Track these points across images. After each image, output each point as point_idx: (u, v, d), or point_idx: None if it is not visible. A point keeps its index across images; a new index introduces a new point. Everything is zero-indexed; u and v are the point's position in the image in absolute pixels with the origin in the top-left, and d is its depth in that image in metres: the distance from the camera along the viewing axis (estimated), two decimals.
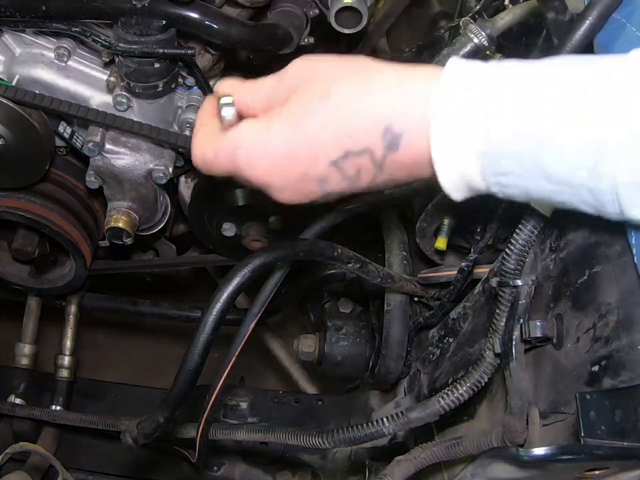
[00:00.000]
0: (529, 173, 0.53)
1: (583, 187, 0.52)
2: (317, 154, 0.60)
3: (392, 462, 0.90)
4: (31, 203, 1.17)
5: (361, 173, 0.61)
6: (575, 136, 0.51)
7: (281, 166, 0.62)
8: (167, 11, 0.95)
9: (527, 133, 0.53)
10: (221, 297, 0.76)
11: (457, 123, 0.55)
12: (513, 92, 0.54)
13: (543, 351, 0.77)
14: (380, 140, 0.58)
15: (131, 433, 0.91)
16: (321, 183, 0.62)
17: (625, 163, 0.50)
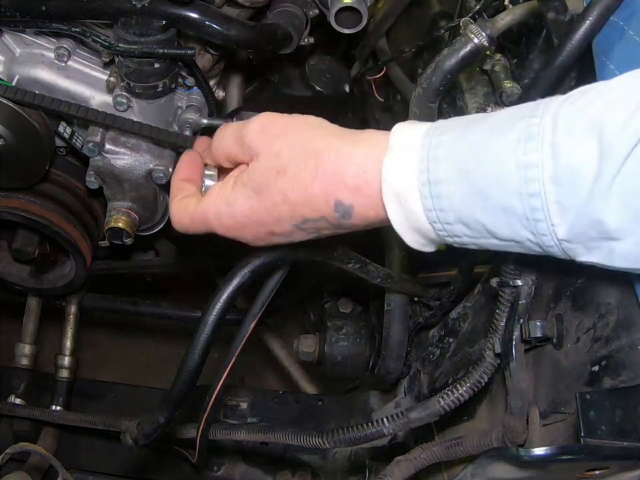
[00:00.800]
0: (477, 234, 0.58)
1: (530, 242, 0.55)
2: (279, 219, 0.66)
3: (392, 462, 0.90)
4: (31, 203, 1.17)
5: (322, 231, 0.67)
6: (506, 197, 0.54)
7: (249, 226, 0.68)
8: (167, 11, 0.95)
9: (467, 203, 0.56)
10: (221, 297, 0.76)
11: (405, 198, 0.59)
12: (450, 161, 0.57)
13: (543, 351, 0.77)
14: (332, 211, 0.63)
15: (131, 433, 0.92)
16: (287, 237, 0.69)
17: (560, 225, 0.52)
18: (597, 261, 0.54)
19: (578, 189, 0.50)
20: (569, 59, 0.68)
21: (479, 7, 0.89)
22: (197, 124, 1.11)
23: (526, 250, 0.57)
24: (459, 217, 0.57)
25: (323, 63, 1.24)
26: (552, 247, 0.54)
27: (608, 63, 0.68)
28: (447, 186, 0.56)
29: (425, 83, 0.84)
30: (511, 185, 0.53)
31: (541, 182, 0.51)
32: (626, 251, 0.52)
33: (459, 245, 0.61)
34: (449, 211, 0.57)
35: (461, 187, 0.56)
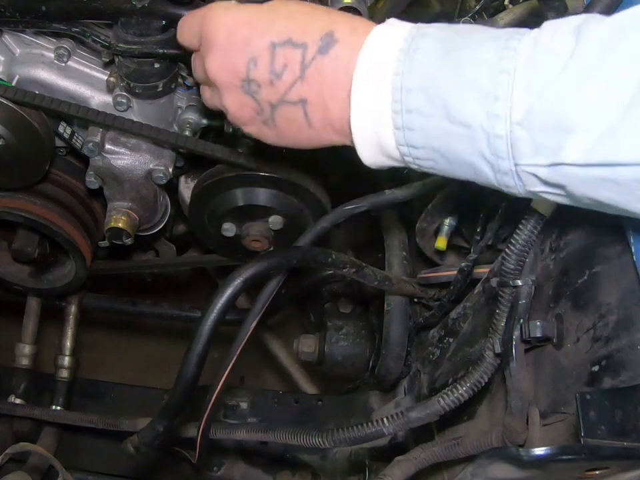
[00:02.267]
0: (433, 108, 0.56)
1: (481, 131, 0.53)
2: (267, 28, 0.64)
3: (392, 462, 0.90)
4: (30, 203, 1.17)
5: (285, 70, 0.63)
6: (477, 71, 0.53)
7: (236, 20, 0.66)
8: (166, 11, 0.95)
9: (434, 67, 0.56)
10: (214, 308, 0.77)
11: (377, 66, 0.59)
12: (430, 36, 0.58)
13: (543, 351, 0.77)
14: (318, 38, 0.62)
15: (132, 442, 0.93)
16: (249, 62, 0.65)
17: (520, 101, 0.51)
18: (543, 162, 0.52)
19: (550, 66, 0.50)
20: None
21: (479, 7, 0.89)
22: (196, 124, 1.11)
23: (473, 153, 0.55)
24: (424, 83, 0.56)
25: None
26: (500, 138, 0.53)
27: None
28: (423, 52, 0.57)
29: None
30: (486, 61, 0.53)
31: (515, 60, 0.52)
32: (582, 145, 0.50)
33: (404, 142, 0.59)
34: (416, 74, 0.56)
35: (437, 53, 0.56)
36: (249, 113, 0.68)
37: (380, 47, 0.60)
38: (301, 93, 0.64)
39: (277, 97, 0.65)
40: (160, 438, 0.90)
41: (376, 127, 0.60)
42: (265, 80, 0.65)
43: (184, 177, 1.23)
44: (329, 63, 0.62)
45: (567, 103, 0.50)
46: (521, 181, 0.55)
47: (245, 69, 0.65)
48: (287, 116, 0.66)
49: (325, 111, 0.63)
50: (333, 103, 0.63)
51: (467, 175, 0.58)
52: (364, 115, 0.60)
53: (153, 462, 1.45)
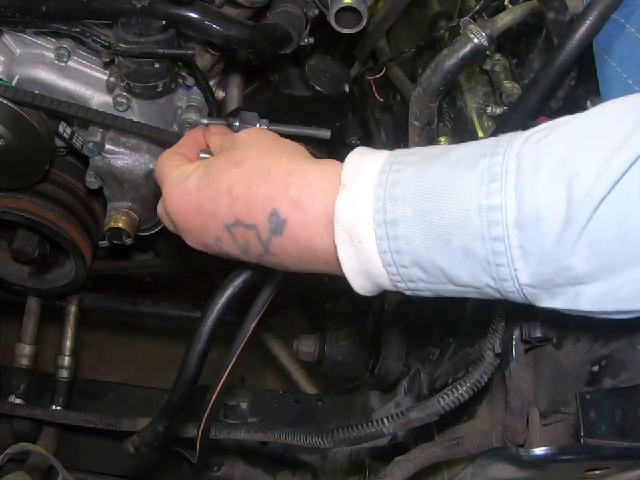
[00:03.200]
0: (434, 279, 0.55)
1: (490, 288, 0.53)
2: (216, 212, 0.64)
3: (392, 462, 0.90)
4: (31, 203, 1.17)
5: (250, 246, 0.64)
6: (468, 241, 0.51)
7: (187, 209, 0.67)
8: (166, 11, 0.95)
9: (426, 246, 0.53)
10: (214, 309, 0.78)
11: (359, 238, 0.55)
12: (409, 201, 0.54)
13: (543, 351, 0.77)
14: (266, 220, 0.60)
15: (132, 442, 0.94)
16: (216, 241, 0.66)
17: (523, 268, 0.50)
18: (560, 306, 0.52)
19: (543, 235, 0.48)
20: (568, 58, 0.68)
21: (478, 7, 0.89)
22: (196, 124, 1.11)
23: (483, 295, 0.55)
24: (416, 260, 0.54)
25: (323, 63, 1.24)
26: (513, 293, 0.52)
27: (609, 60, 0.68)
28: (404, 227, 0.53)
29: (425, 82, 0.84)
30: (473, 228, 0.50)
31: (504, 226, 0.49)
32: (595, 294, 0.50)
33: (410, 293, 0.58)
34: (406, 254, 0.54)
35: (420, 228, 0.53)
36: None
37: (352, 230, 0.56)
38: (273, 260, 0.64)
39: (254, 259, 0.66)
40: (160, 438, 0.91)
41: (377, 288, 0.59)
42: (237, 253, 0.66)
43: None
44: (287, 242, 0.61)
45: (572, 268, 0.49)
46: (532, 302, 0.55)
47: (215, 246, 0.67)
48: (272, 262, 0.66)
49: (308, 265, 0.63)
50: (309, 264, 0.63)
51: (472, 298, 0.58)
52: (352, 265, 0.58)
53: (153, 462, 1.45)
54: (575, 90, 0.80)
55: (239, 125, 1.12)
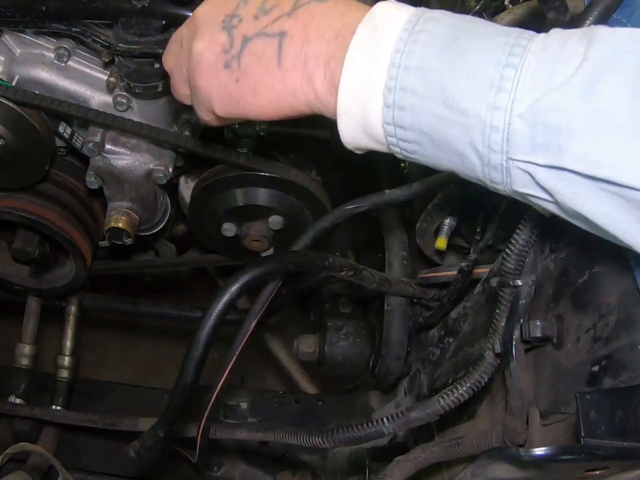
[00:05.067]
0: (429, 89, 0.53)
1: (477, 120, 0.51)
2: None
3: (392, 462, 0.90)
4: (30, 203, 1.17)
5: (273, 9, 0.60)
6: (482, 61, 0.52)
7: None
8: (166, 11, 0.95)
9: (438, 50, 0.53)
10: (211, 314, 0.78)
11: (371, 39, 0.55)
12: (437, 20, 0.55)
13: (543, 351, 0.77)
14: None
15: (133, 447, 0.94)
16: (241, 1, 0.62)
17: (524, 96, 0.50)
18: (539, 160, 0.50)
19: (559, 68, 0.49)
20: None
21: (478, 6, 0.89)
22: (196, 124, 1.11)
23: (464, 143, 0.53)
24: (422, 62, 0.53)
25: None
26: (497, 131, 0.50)
27: None
28: (425, 35, 0.54)
29: None
30: (492, 53, 0.52)
31: (523, 58, 0.50)
32: (580, 151, 0.48)
33: (393, 124, 0.56)
34: (415, 55, 0.54)
35: (440, 43, 0.53)
36: (215, 51, 0.63)
37: (383, 20, 0.56)
38: (282, 26, 0.60)
39: (255, 29, 0.61)
40: (161, 443, 0.92)
41: (363, 98, 0.56)
42: (250, 15, 0.61)
43: (184, 177, 1.23)
44: (325, 7, 0.59)
45: (573, 105, 0.48)
46: (510, 177, 0.53)
47: (235, 5, 0.63)
48: (257, 50, 0.61)
49: (304, 44, 0.59)
50: (316, 37, 0.58)
51: (452, 164, 0.56)
52: (352, 78, 0.56)
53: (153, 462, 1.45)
54: None
55: (238, 124, 1.12)
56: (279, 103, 0.62)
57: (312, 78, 0.59)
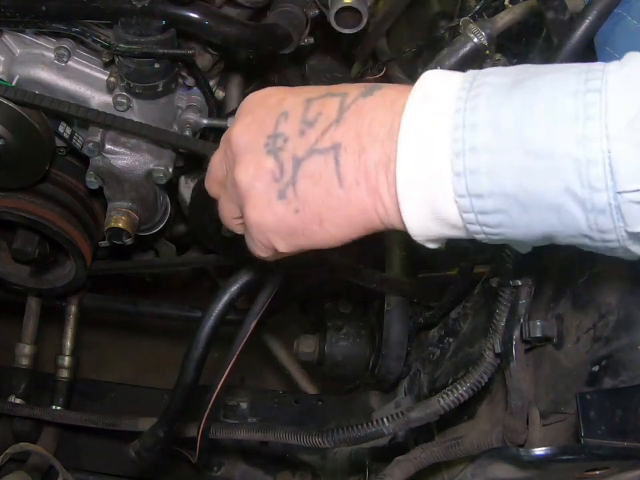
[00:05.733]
0: (504, 142, 0.46)
1: (568, 159, 0.44)
2: (305, 90, 0.58)
3: (392, 462, 0.90)
4: (30, 203, 1.17)
5: (318, 119, 0.54)
6: (559, 93, 0.45)
7: (267, 91, 0.61)
8: (166, 11, 0.95)
9: (504, 98, 0.47)
10: (211, 315, 0.78)
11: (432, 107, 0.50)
12: (494, 73, 0.50)
13: (543, 351, 0.77)
14: (361, 87, 0.54)
15: (133, 447, 0.95)
16: (280, 117, 0.56)
17: (618, 117, 0.43)
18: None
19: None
20: (568, 58, 0.68)
21: (478, 6, 0.89)
22: (197, 124, 1.11)
23: (558, 190, 0.45)
24: (491, 116, 0.47)
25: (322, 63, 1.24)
26: (594, 163, 0.43)
27: (613, 52, 0.67)
28: (488, 87, 0.48)
29: None
30: (568, 83, 0.45)
31: (603, 80, 0.44)
32: None
33: (469, 193, 0.48)
34: (481, 113, 0.47)
35: (504, 90, 0.47)
36: (264, 180, 0.55)
37: (435, 85, 0.50)
38: (334, 138, 0.53)
39: (305, 147, 0.54)
40: (161, 443, 0.92)
41: (427, 175, 0.49)
42: (295, 131, 0.54)
43: (184, 177, 1.23)
44: (372, 101, 0.52)
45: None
46: (621, 219, 0.44)
47: (274, 123, 0.56)
48: (313, 171, 0.53)
49: (361, 153, 0.52)
50: (370, 141, 0.51)
51: (547, 225, 0.47)
52: (412, 159, 0.49)
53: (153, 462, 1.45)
54: None
55: None
56: (351, 226, 0.55)
57: (377, 189, 0.52)
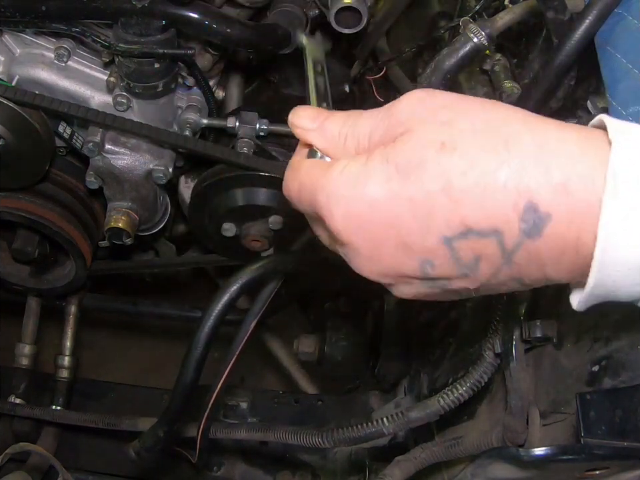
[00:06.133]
0: None
1: None
2: (427, 222, 0.45)
3: (392, 462, 0.90)
4: (30, 203, 1.17)
5: (480, 263, 0.46)
6: None
7: (373, 225, 0.47)
8: (166, 11, 0.95)
9: None
10: (211, 315, 0.78)
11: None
12: None
13: (543, 351, 0.77)
14: (517, 220, 0.43)
15: (133, 447, 0.95)
16: (423, 263, 0.47)
17: None
18: None
19: None
20: (568, 58, 0.68)
21: (478, 6, 0.89)
22: (196, 124, 1.11)
23: None
24: None
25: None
26: None
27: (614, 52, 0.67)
28: None
29: (425, 82, 0.84)
30: None
31: None
32: None
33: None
34: None
35: None
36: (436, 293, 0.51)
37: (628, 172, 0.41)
38: (511, 274, 0.46)
39: (480, 279, 0.47)
40: (161, 443, 0.92)
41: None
42: (455, 275, 0.47)
43: (184, 176, 1.23)
44: (546, 245, 0.43)
45: None
46: None
47: (420, 272, 0.48)
48: (503, 279, 0.48)
49: (537, 278, 0.47)
50: (552, 272, 0.45)
51: None
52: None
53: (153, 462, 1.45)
54: (575, 90, 0.80)
55: (239, 124, 1.12)
56: None
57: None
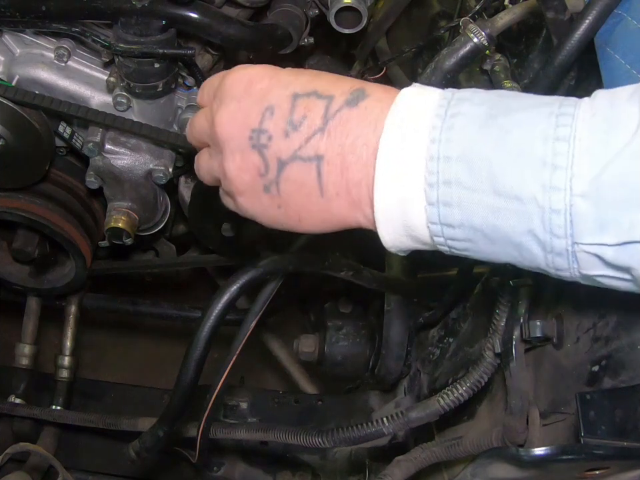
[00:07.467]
0: (476, 180, 0.49)
1: (534, 205, 0.47)
2: (291, 80, 0.59)
3: (392, 462, 0.90)
4: (31, 203, 1.17)
5: (303, 122, 0.56)
6: (529, 138, 0.48)
7: (254, 75, 0.61)
8: (166, 11, 0.95)
9: (478, 134, 0.49)
10: (211, 315, 0.78)
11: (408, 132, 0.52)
12: (469, 100, 0.52)
13: (543, 351, 0.77)
14: (347, 91, 0.56)
15: (133, 447, 0.95)
16: (265, 111, 0.58)
17: (583, 172, 0.45)
18: (610, 240, 0.45)
19: (615, 135, 0.45)
20: (568, 58, 0.68)
21: (478, 6, 0.89)
22: None
23: (522, 231, 0.48)
24: (465, 152, 0.49)
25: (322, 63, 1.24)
26: (558, 213, 0.46)
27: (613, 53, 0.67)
28: (463, 118, 0.50)
29: (425, 82, 0.83)
30: (539, 127, 0.47)
31: (573, 127, 0.46)
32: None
33: (441, 226, 0.52)
34: (456, 142, 0.49)
35: (478, 125, 0.49)
36: (250, 173, 0.59)
37: (412, 109, 0.53)
38: (318, 148, 0.55)
39: (289, 151, 0.56)
40: (161, 443, 0.92)
41: (403, 200, 0.52)
42: (279, 131, 0.57)
43: (184, 177, 1.23)
44: (357, 114, 0.54)
45: (638, 173, 0.44)
46: (576, 262, 0.48)
47: (259, 117, 0.58)
48: (295, 177, 0.57)
49: (343, 171, 0.55)
50: (353, 160, 0.54)
51: (509, 257, 0.51)
52: (389, 183, 0.52)
53: (153, 462, 1.45)
54: (575, 90, 0.80)
55: None
56: (328, 227, 0.61)
57: (358, 203, 0.56)
